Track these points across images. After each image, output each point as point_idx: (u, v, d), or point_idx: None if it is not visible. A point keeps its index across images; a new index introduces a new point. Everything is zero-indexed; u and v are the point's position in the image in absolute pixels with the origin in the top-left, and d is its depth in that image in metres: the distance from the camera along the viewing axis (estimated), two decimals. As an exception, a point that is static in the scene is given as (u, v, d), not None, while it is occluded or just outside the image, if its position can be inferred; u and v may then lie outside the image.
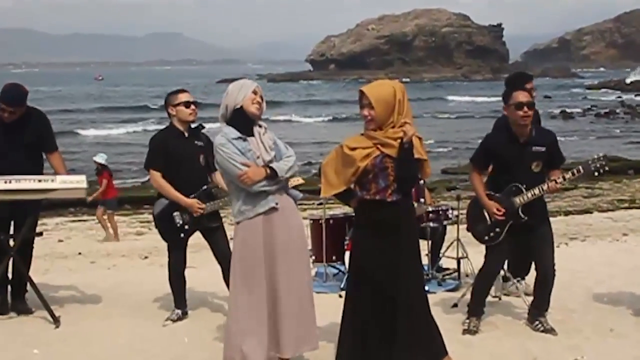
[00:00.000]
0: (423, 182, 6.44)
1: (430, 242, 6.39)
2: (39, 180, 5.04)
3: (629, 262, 7.13)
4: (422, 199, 6.43)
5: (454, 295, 5.82)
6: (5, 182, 4.93)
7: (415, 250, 4.03)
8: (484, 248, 5.04)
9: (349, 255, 4.29)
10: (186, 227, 5.16)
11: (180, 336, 4.98)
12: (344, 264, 6.34)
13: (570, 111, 41.21)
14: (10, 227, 5.41)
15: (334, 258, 6.47)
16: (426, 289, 4.50)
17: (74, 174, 5.50)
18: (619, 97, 52.88)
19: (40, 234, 5.71)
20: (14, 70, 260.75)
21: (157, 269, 7.06)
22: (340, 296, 5.71)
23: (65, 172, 5.41)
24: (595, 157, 4.74)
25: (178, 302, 5.37)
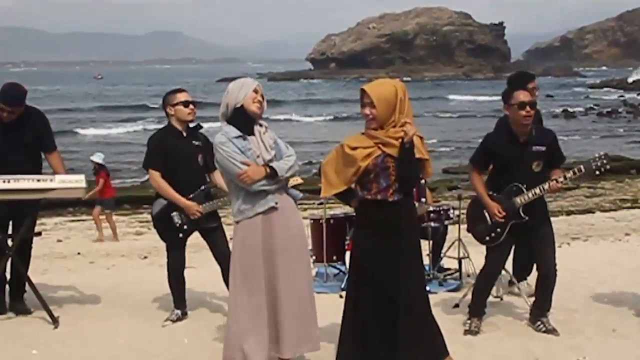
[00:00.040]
0: (424, 182, 6.41)
1: (431, 242, 6.37)
2: (38, 180, 5.02)
3: (632, 262, 7.11)
4: (423, 199, 6.40)
5: (456, 296, 5.80)
6: (3, 182, 4.91)
7: (416, 250, 4.01)
8: (485, 248, 5.02)
9: (350, 256, 4.27)
10: (185, 227, 5.14)
11: (179, 337, 4.97)
12: (344, 264, 6.32)
13: (572, 110, 41.17)
14: (9, 227, 5.41)
15: (335, 258, 6.45)
16: (427, 289, 4.48)
17: (73, 173, 5.48)
18: (622, 96, 52.77)
19: (39, 233, 5.70)
20: (13, 69, 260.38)
21: (157, 269, 7.04)
22: (340, 296, 5.69)
23: (64, 172, 5.40)
24: (596, 156, 4.71)
25: (177, 303, 5.35)
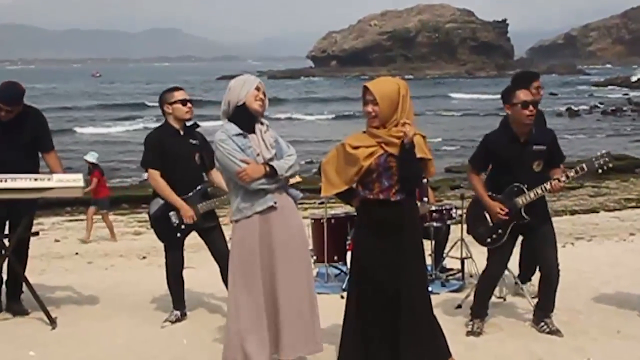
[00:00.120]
0: (426, 181, 6.37)
1: (433, 242, 6.33)
2: (35, 179, 5.00)
3: (636, 263, 7.07)
4: (426, 198, 6.37)
5: (458, 296, 5.76)
6: (0, 181, 4.88)
7: (418, 250, 3.97)
8: (487, 250, 4.98)
9: (351, 256, 4.22)
10: (182, 227, 5.10)
11: (179, 337, 4.93)
12: (345, 264, 6.29)
13: (576, 109, 41.06)
14: (6, 227, 5.37)
15: (336, 258, 6.41)
16: (429, 289, 4.45)
17: (71, 172, 5.45)
18: (626, 94, 52.62)
19: (36, 233, 5.68)
20: (10, 67, 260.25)
21: (156, 269, 6.99)
22: (342, 297, 5.65)
23: (62, 172, 5.36)
24: (598, 155, 4.66)
25: (176, 303, 5.31)
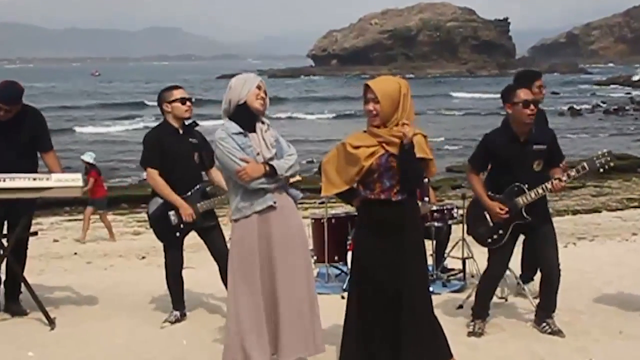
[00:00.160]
0: (427, 181, 6.34)
1: (434, 242, 6.31)
2: (34, 179, 4.97)
3: (639, 262, 7.03)
4: (427, 198, 6.35)
5: (459, 297, 5.73)
6: None
7: (419, 250, 3.94)
8: (487, 250, 4.95)
9: (351, 256, 4.20)
10: (182, 226, 5.08)
11: (178, 338, 4.91)
12: (346, 264, 6.27)
13: (578, 108, 40.99)
14: (4, 227, 5.35)
15: (336, 258, 6.38)
16: (431, 289, 4.42)
17: (69, 172, 5.42)
18: (628, 94, 52.53)
19: (35, 233, 5.66)
20: (8, 65, 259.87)
21: (155, 270, 6.95)
22: (342, 297, 5.63)
23: (61, 172, 5.33)
24: (600, 154, 4.63)
25: (176, 304, 5.28)
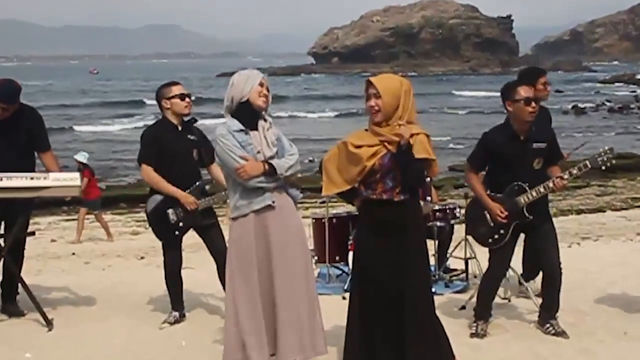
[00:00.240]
0: (429, 180, 6.29)
1: (437, 242, 6.27)
2: (32, 178, 4.94)
3: (643, 263, 6.97)
4: (429, 197, 6.31)
5: (462, 297, 5.69)
6: None
7: (422, 250, 3.90)
8: (488, 250, 4.90)
9: (353, 256, 4.16)
10: (180, 225, 5.04)
11: (177, 339, 4.87)
12: (347, 264, 6.24)
13: (582, 106, 40.90)
14: (1, 227, 5.32)
15: (337, 258, 6.35)
16: (433, 290, 4.38)
17: (67, 171, 5.39)
18: (633, 92, 52.38)
19: (32, 233, 5.62)
20: (5, 63, 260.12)
21: (154, 270, 6.94)
22: (343, 298, 5.62)
23: (59, 171, 5.29)
24: (601, 151, 4.57)
25: (175, 304, 5.24)
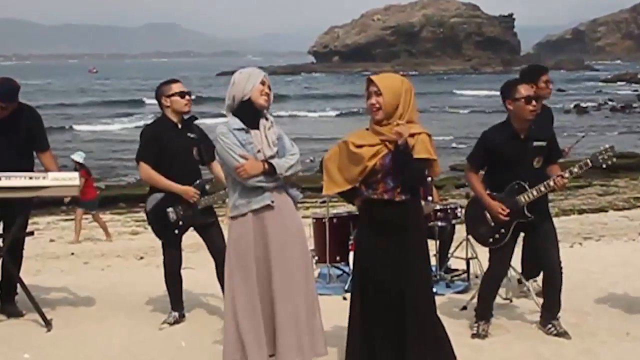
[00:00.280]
0: (430, 180, 6.26)
1: (438, 242, 6.24)
2: (30, 178, 4.93)
3: (646, 263, 6.94)
4: (430, 197, 6.29)
5: (463, 298, 5.67)
6: None
7: (423, 250, 3.88)
8: (488, 250, 4.88)
9: (353, 256, 4.14)
10: (180, 223, 5.02)
11: (177, 340, 4.85)
12: (348, 264, 6.22)
13: (584, 105, 40.84)
14: (0, 227, 5.30)
15: (338, 258, 6.33)
16: (434, 290, 4.36)
17: (66, 170, 5.37)
18: (635, 91, 52.29)
19: (31, 233, 5.59)
20: (4, 62, 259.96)
21: (153, 270, 6.93)
22: (344, 298, 5.61)
23: (58, 171, 5.28)
24: (602, 149, 4.55)
25: (175, 304, 5.21)
